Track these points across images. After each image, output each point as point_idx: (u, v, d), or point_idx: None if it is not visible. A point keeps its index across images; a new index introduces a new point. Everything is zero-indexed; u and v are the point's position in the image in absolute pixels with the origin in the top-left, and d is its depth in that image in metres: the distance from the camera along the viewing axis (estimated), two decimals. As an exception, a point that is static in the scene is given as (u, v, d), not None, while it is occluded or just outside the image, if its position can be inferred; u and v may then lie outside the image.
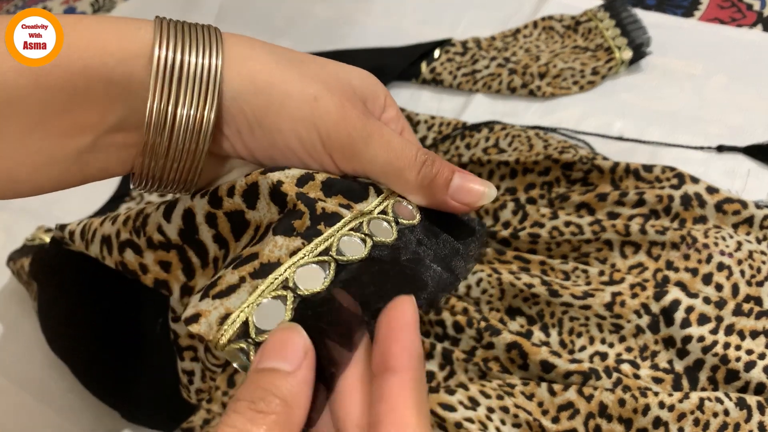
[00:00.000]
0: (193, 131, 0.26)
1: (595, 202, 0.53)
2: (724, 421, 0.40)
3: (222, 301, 0.24)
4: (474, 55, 0.71)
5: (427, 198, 0.29)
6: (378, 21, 0.82)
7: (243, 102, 0.26)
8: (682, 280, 0.48)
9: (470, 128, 0.63)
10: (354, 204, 0.27)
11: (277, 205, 0.27)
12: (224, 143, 0.28)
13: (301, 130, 0.27)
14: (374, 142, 0.28)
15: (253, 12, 0.87)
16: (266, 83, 0.26)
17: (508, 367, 0.45)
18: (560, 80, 0.67)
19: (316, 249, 0.25)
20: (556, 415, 0.42)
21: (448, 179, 0.29)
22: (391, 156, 0.28)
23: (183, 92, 0.25)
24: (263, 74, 0.27)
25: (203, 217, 0.29)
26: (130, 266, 0.32)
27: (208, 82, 0.25)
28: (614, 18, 0.70)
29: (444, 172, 0.29)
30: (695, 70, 0.67)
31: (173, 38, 0.25)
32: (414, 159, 0.28)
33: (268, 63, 0.27)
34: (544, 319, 0.48)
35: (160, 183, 0.28)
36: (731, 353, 0.43)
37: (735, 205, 0.50)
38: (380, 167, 0.28)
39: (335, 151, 0.28)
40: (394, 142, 0.28)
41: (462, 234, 0.30)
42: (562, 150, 0.57)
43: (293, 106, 0.27)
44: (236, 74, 0.26)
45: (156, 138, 0.26)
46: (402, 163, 0.28)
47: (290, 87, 0.27)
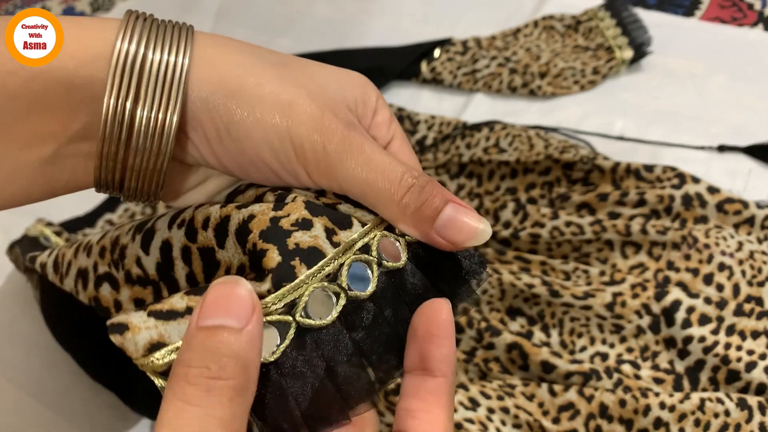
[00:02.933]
0: (153, 135, 0.24)
1: (595, 202, 0.53)
2: (725, 422, 0.40)
3: (158, 323, 0.21)
4: (474, 54, 0.71)
5: (409, 228, 0.25)
6: (378, 20, 0.81)
7: (210, 105, 0.24)
8: (683, 280, 0.48)
9: (471, 128, 0.63)
10: (338, 231, 0.24)
11: (240, 246, 0.24)
12: (190, 150, 0.25)
13: (273, 139, 0.24)
14: (353, 157, 0.24)
15: (252, 12, 0.87)
16: (237, 86, 0.24)
17: (508, 368, 0.45)
18: (561, 80, 0.67)
19: (281, 300, 0.22)
20: (557, 415, 0.42)
21: (437, 210, 0.24)
22: (371, 176, 0.24)
23: (144, 91, 0.23)
24: (235, 76, 0.24)
25: (179, 250, 0.26)
26: (104, 302, 0.29)
27: (172, 81, 0.23)
28: (615, 17, 0.70)
29: (434, 201, 0.24)
30: (696, 69, 0.67)
31: (138, 33, 0.24)
32: (398, 182, 0.24)
33: (241, 65, 0.25)
34: (545, 319, 0.48)
35: (122, 190, 0.26)
36: (732, 354, 0.43)
37: (736, 205, 0.50)
38: (358, 187, 0.25)
39: (309, 164, 0.25)
40: (376, 160, 0.24)
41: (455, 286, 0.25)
42: (563, 150, 0.56)
43: (265, 113, 0.24)
44: (205, 75, 0.24)
45: (112, 139, 0.23)
46: (383, 185, 0.24)
47: (264, 91, 0.24)
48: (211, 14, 0.86)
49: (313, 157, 0.24)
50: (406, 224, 0.25)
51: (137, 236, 0.28)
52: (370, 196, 0.25)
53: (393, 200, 0.24)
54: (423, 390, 0.22)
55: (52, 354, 0.52)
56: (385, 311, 0.24)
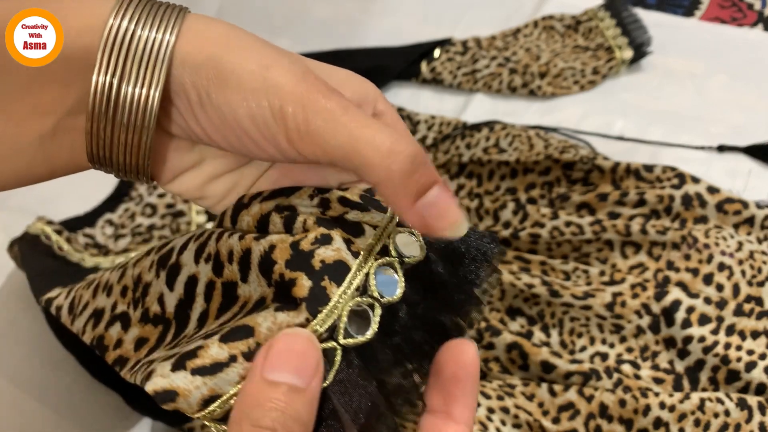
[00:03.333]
0: (137, 110, 0.24)
1: (595, 202, 0.53)
2: (724, 422, 0.40)
3: (205, 379, 0.21)
4: (474, 54, 0.71)
5: (391, 197, 0.23)
6: (378, 21, 0.81)
7: (193, 74, 0.24)
8: (682, 280, 0.48)
9: (470, 128, 0.63)
10: (354, 239, 0.24)
11: (265, 278, 0.24)
12: (176, 118, 0.25)
13: (252, 104, 0.24)
14: (337, 120, 0.23)
15: (252, 12, 0.87)
16: (218, 54, 0.24)
17: (508, 368, 0.45)
18: (561, 80, 0.67)
19: (322, 326, 0.22)
20: (557, 415, 0.42)
21: (424, 186, 0.23)
22: (357, 140, 0.23)
23: (129, 67, 0.23)
24: (216, 45, 0.24)
25: (204, 285, 0.26)
26: (107, 341, 0.29)
27: (156, 58, 0.24)
28: (615, 17, 0.70)
29: (423, 176, 0.23)
30: (696, 69, 0.67)
31: (131, 11, 0.24)
32: (387, 147, 0.22)
33: (224, 34, 0.24)
34: (545, 319, 0.48)
35: (113, 166, 0.26)
36: (732, 354, 0.43)
37: (736, 205, 0.50)
38: (343, 151, 0.23)
39: (290, 129, 0.23)
40: (363, 123, 0.23)
41: (476, 268, 0.25)
42: (563, 150, 0.57)
43: (245, 77, 0.23)
44: (189, 48, 0.24)
45: (100, 114, 0.24)
46: (370, 151, 0.23)
47: (244, 56, 0.24)
48: (212, 15, 0.86)
49: (293, 120, 0.23)
50: (388, 192, 0.23)
51: (162, 272, 0.27)
52: (356, 159, 0.23)
53: (380, 165, 0.22)
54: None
55: (53, 354, 0.52)
56: (418, 309, 0.24)
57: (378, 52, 0.74)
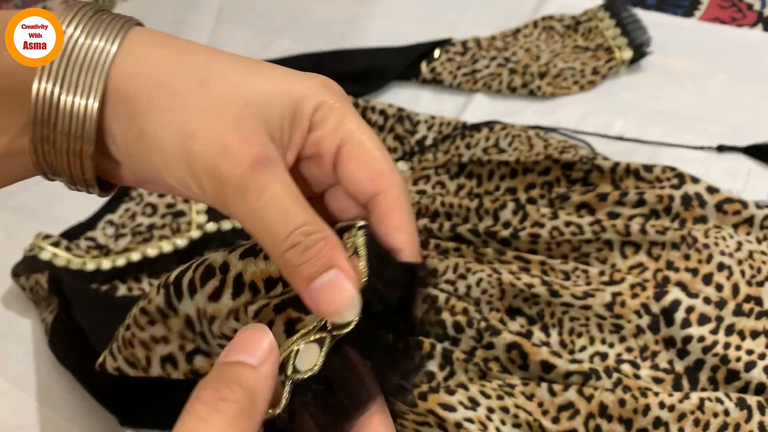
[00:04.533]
0: (77, 119, 0.24)
1: (595, 202, 0.53)
2: (724, 422, 0.40)
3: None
4: (474, 54, 0.71)
5: (289, 279, 0.25)
6: (378, 21, 0.81)
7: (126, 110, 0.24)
8: (682, 280, 0.48)
9: (470, 128, 0.63)
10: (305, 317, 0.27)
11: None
12: (109, 142, 0.25)
13: (173, 168, 0.24)
14: (247, 201, 0.23)
15: (253, 12, 0.87)
16: (142, 108, 0.24)
17: (508, 368, 0.45)
18: (560, 80, 0.67)
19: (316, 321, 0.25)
20: (557, 415, 0.42)
21: (316, 272, 0.23)
22: (261, 224, 0.24)
23: (70, 75, 0.23)
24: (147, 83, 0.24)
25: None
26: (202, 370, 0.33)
27: (96, 67, 0.23)
28: (614, 18, 0.70)
29: (315, 264, 0.23)
30: (696, 69, 0.67)
31: (77, 20, 0.24)
32: (284, 237, 0.23)
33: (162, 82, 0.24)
34: (545, 319, 0.48)
35: (61, 175, 0.26)
36: (731, 353, 0.43)
37: (735, 205, 0.50)
38: (249, 229, 0.24)
39: (207, 195, 0.24)
40: (271, 208, 0.24)
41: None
42: (563, 150, 0.57)
43: (166, 142, 0.24)
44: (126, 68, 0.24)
45: (43, 122, 0.24)
46: (270, 237, 0.24)
47: (171, 119, 0.24)
48: (212, 15, 0.86)
49: (211, 191, 0.24)
50: (286, 275, 0.25)
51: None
52: (259, 240, 0.25)
53: (276, 252, 0.24)
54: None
55: (53, 354, 0.53)
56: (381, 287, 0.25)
57: (378, 53, 0.74)
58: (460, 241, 0.53)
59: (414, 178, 0.61)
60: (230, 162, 0.23)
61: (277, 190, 0.24)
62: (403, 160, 0.62)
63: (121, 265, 0.56)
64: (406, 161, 0.62)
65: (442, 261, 0.52)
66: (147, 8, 0.88)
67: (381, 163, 0.26)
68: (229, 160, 0.23)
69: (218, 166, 0.23)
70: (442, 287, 0.50)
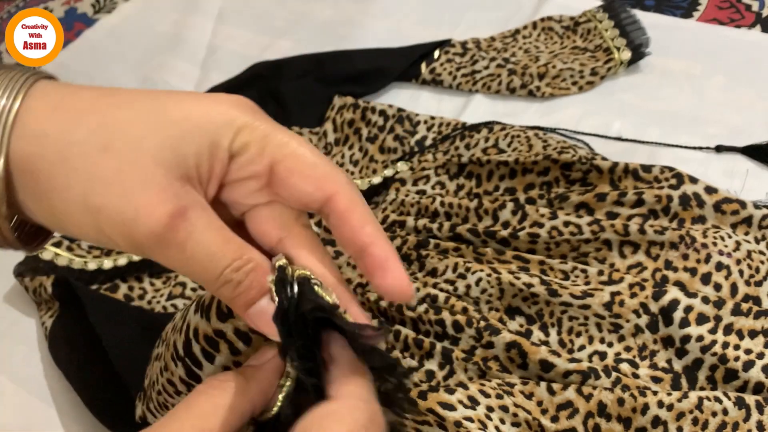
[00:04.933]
0: None
1: (594, 202, 0.53)
2: (722, 421, 0.41)
3: None
4: (473, 55, 0.71)
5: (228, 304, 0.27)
6: (378, 21, 0.82)
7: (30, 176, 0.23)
8: (680, 279, 0.48)
9: (470, 128, 0.63)
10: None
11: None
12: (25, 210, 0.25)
13: (92, 236, 0.24)
14: (171, 255, 0.24)
15: (253, 13, 0.87)
16: (48, 186, 0.23)
17: (507, 367, 0.45)
18: (559, 81, 0.67)
19: None
20: (556, 414, 0.42)
21: (249, 303, 0.25)
22: (191, 271, 0.25)
23: None
24: (43, 174, 0.23)
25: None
26: None
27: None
28: (613, 19, 0.71)
29: (249, 293, 0.25)
30: (694, 70, 0.67)
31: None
32: (216, 277, 0.24)
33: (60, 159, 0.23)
34: (544, 318, 0.48)
35: None
36: (730, 353, 0.44)
37: (733, 205, 0.50)
38: (185, 275, 0.26)
39: (128, 251, 0.25)
40: (197, 255, 0.24)
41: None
42: (562, 150, 0.57)
43: (75, 217, 0.24)
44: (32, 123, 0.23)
45: None
46: (202, 279, 0.25)
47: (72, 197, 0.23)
48: (212, 16, 0.87)
49: (135, 252, 0.24)
50: (226, 303, 0.27)
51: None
52: (194, 280, 0.26)
53: (211, 290, 0.26)
54: None
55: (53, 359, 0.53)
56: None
57: (378, 54, 0.74)
58: (460, 241, 0.54)
59: (414, 178, 0.61)
60: (143, 226, 0.23)
61: (199, 238, 0.24)
62: (403, 161, 0.62)
63: (123, 264, 0.57)
64: (406, 161, 0.62)
65: (441, 261, 0.52)
66: (148, 8, 0.88)
67: (321, 166, 0.26)
68: (142, 224, 0.23)
69: (132, 233, 0.23)
70: (442, 287, 0.50)
